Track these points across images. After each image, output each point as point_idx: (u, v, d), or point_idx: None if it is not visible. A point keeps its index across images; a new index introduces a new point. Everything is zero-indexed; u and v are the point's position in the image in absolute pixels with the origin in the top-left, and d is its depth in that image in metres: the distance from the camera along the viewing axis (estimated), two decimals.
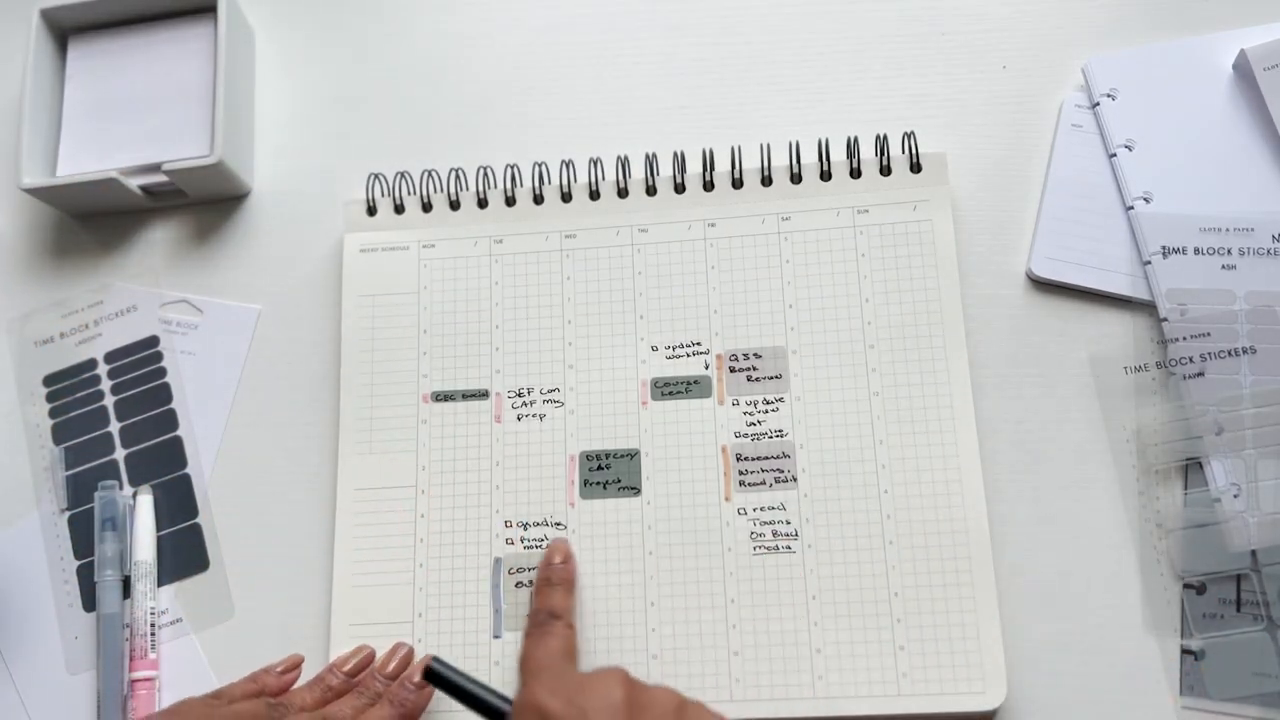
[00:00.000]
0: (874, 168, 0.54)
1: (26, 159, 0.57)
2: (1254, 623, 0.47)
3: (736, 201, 0.54)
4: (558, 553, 0.50)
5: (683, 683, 0.48)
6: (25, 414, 0.57)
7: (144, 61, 0.60)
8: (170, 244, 0.59)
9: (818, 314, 0.52)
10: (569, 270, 0.54)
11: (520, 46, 0.60)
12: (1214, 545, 0.47)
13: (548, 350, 0.53)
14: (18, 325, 0.59)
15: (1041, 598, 0.48)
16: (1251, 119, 0.52)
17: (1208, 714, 0.46)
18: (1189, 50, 0.54)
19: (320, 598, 0.52)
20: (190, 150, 0.57)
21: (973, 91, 0.56)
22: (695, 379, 0.52)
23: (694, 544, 0.50)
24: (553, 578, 0.49)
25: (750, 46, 0.58)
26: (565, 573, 0.49)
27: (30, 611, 0.54)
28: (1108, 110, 0.53)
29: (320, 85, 0.61)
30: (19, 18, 0.60)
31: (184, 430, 0.56)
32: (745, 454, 0.51)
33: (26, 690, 0.53)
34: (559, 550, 0.50)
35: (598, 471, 0.51)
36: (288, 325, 0.57)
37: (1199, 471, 0.48)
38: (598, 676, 0.40)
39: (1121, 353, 0.51)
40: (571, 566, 0.50)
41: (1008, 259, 0.53)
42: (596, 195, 0.55)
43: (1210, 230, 0.50)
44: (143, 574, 0.52)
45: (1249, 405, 0.48)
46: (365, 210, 0.56)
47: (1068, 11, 0.56)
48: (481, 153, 0.58)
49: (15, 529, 0.55)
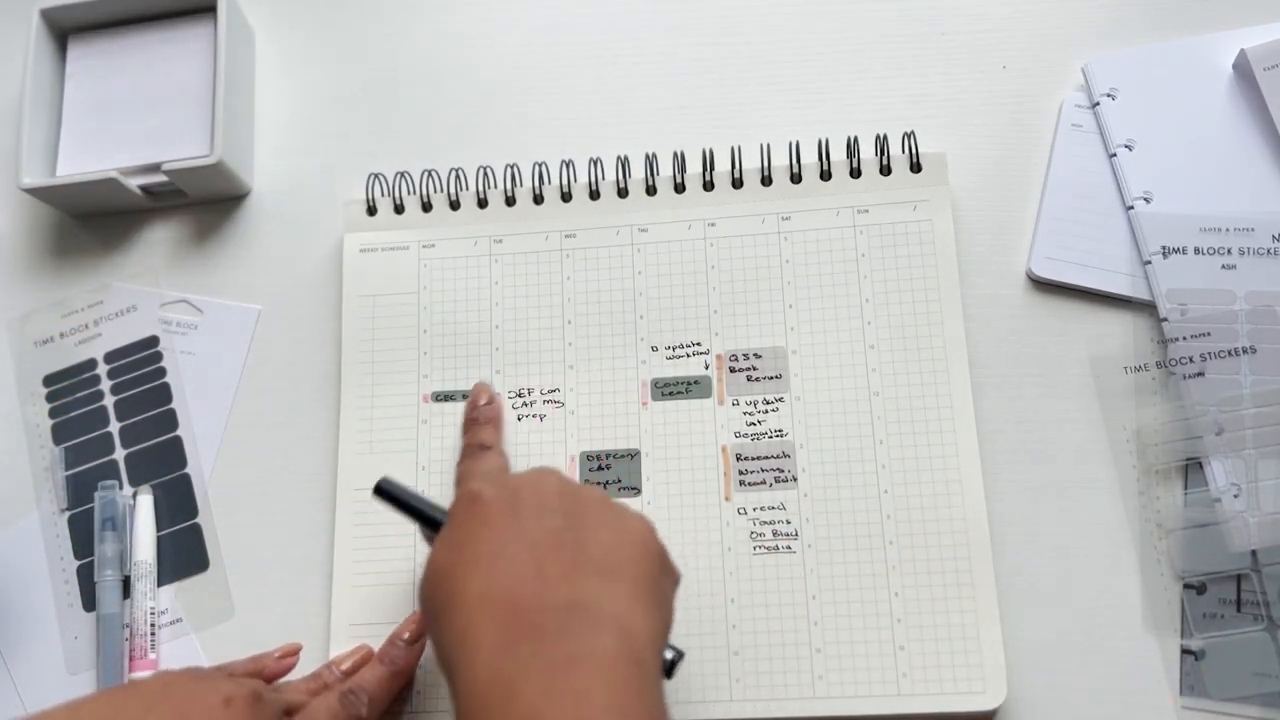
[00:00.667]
0: (874, 168, 0.54)
1: (26, 159, 0.57)
2: (1254, 623, 0.47)
3: (736, 201, 0.54)
4: (482, 394, 0.52)
5: (682, 682, 0.48)
6: (25, 414, 0.57)
7: (144, 61, 0.60)
8: (170, 244, 0.59)
9: (818, 314, 0.52)
10: (569, 270, 0.54)
11: (520, 46, 0.60)
12: (1214, 545, 0.47)
13: (548, 350, 0.53)
14: (18, 325, 0.59)
15: (1041, 598, 0.48)
16: (1251, 119, 0.52)
17: (1208, 714, 0.46)
18: (1189, 50, 0.54)
19: (320, 598, 0.52)
20: (190, 150, 0.57)
21: (973, 91, 0.56)
22: (695, 379, 0.52)
23: (694, 544, 0.50)
24: (479, 417, 0.51)
25: (750, 46, 0.58)
26: (492, 411, 0.51)
27: (30, 611, 0.54)
28: (1108, 110, 0.53)
29: (320, 85, 0.61)
30: (19, 18, 0.60)
31: (184, 430, 0.56)
32: (745, 454, 0.51)
33: (26, 690, 0.53)
34: (483, 392, 0.52)
35: (598, 472, 0.51)
36: (288, 325, 0.57)
37: (1199, 471, 0.48)
38: (533, 470, 0.42)
39: (1121, 353, 0.51)
40: (497, 405, 0.52)
41: (1008, 259, 0.53)
42: (596, 195, 0.55)
43: (1210, 230, 0.50)
44: (143, 574, 0.52)
45: (1249, 405, 0.48)
46: (365, 210, 0.56)
47: (1068, 11, 0.56)
48: (481, 153, 0.58)
49: (15, 529, 0.55)
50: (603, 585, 0.37)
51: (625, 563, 0.38)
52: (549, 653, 0.34)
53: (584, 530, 0.39)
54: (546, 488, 0.40)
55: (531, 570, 0.37)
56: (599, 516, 0.40)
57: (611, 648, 0.35)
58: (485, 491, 0.40)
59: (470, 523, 0.40)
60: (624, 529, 0.40)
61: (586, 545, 0.38)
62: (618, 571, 0.38)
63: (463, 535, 0.39)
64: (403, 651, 0.47)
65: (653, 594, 0.38)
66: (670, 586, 0.40)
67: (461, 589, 0.37)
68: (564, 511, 0.39)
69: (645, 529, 0.40)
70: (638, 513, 0.41)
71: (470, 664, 0.35)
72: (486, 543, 0.38)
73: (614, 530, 0.39)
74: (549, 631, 0.35)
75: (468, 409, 0.51)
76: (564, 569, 0.37)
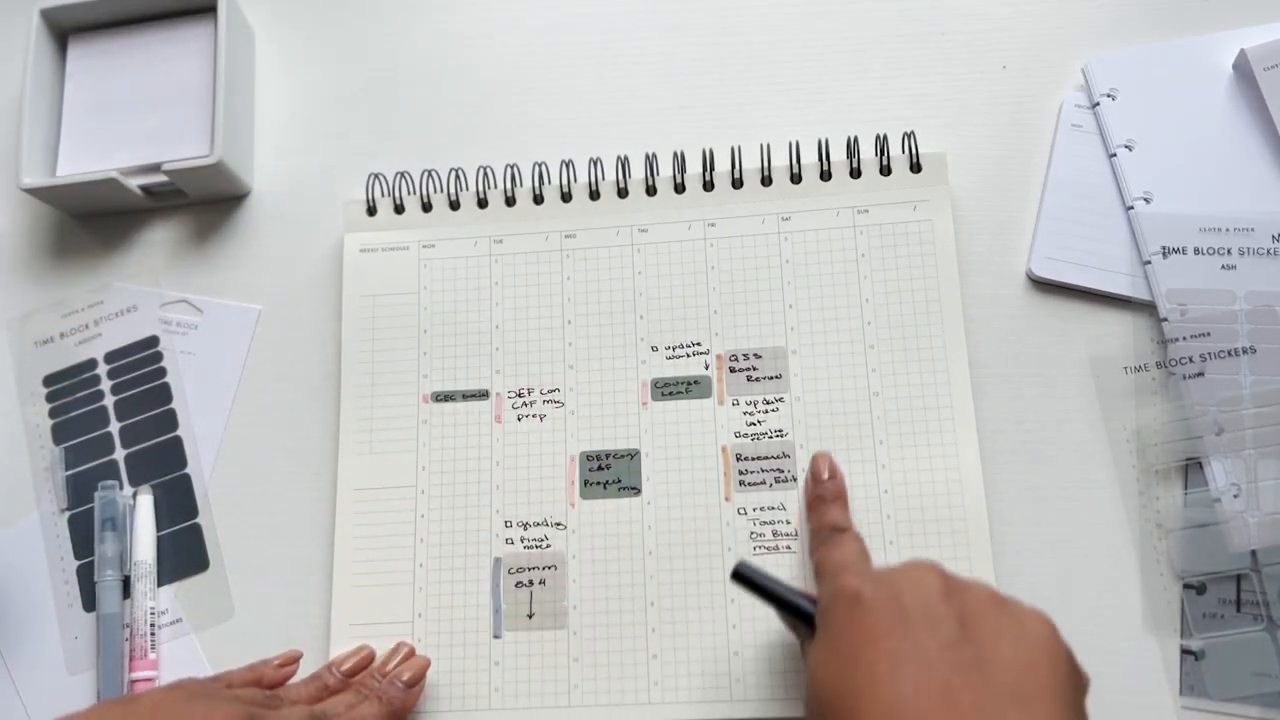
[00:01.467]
0: (874, 168, 0.54)
1: (26, 159, 0.57)
2: (1254, 623, 0.47)
3: (736, 201, 0.54)
4: (824, 468, 0.48)
5: (682, 682, 0.48)
6: (25, 414, 0.57)
7: (144, 61, 0.60)
8: (170, 244, 0.59)
9: (818, 314, 0.52)
10: (569, 270, 0.54)
11: (520, 46, 0.60)
12: (1214, 545, 0.47)
13: (548, 350, 0.53)
14: (18, 325, 0.59)
15: (1041, 598, 0.48)
16: (1251, 119, 0.52)
17: (1208, 714, 0.46)
18: (1189, 50, 0.54)
19: (320, 598, 0.52)
20: (190, 150, 0.57)
21: (973, 91, 0.56)
22: (695, 379, 0.52)
23: (694, 544, 0.50)
24: (825, 495, 0.47)
25: (750, 46, 0.58)
26: (838, 487, 0.48)
27: (30, 611, 0.54)
28: (1108, 110, 0.53)
29: (320, 85, 0.61)
30: (19, 18, 0.60)
31: (184, 430, 0.56)
32: (745, 454, 0.51)
33: (26, 690, 0.53)
34: (824, 464, 0.48)
35: (598, 472, 0.51)
36: (288, 325, 0.57)
37: (1199, 471, 0.48)
38: (910, 565, 0.38)
39: (1121, 353, 0.51)
40: (841, 479, 0.48)
41: (1008, 259, 0.53)
42: (596, 195, 0.55)
43: (1210, 230, 0.50)
44: (143, 574, 0.52)
45: (1249, 405, 0.48)
46: (365, 210, 0.56)
47: (1068, 11, 0.56)
48: (481, 153, 0.58)
49: (15, 529, 0.55)
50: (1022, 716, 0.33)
51: (1039, 684, 0.34)
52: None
53: (985, 646, 0.35)
54: (930, 589, 0.37)
55: (937, 699, 0.33)
56: (997, 624, 0.36)
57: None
58: (865, 592, 0.37)
59: (854, 631, 0.36)
60: (1027, 638, 0.35)
61: (992, 667, 0.34)
62: (1034, 698, 0.34)
63: (849, 647, 0.36)
64: (401, 693, 0.47)
65: (1071, 712, 0.34)
66: (1082, 695, 0.36)
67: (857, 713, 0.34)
68: (956, 619, 0.36)
69: (1049, 633, 0.36)
70: (1034, 609, 0.37)
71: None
72: (880, 659, 0.35)
73: (1017, 642, 0.35)
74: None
75: (809, 483, 0.48)
76: (975, 698, 0.33)
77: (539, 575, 0.50)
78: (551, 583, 0.50)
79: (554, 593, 0.50)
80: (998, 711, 0.33)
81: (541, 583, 0.50)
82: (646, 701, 0.48)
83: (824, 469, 0.48)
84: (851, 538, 0.44)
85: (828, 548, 0.44)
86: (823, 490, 0.48)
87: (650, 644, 0.49)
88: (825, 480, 0.48)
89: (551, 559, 0.51)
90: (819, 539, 0.46)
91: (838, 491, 0.48)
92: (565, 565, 0.50)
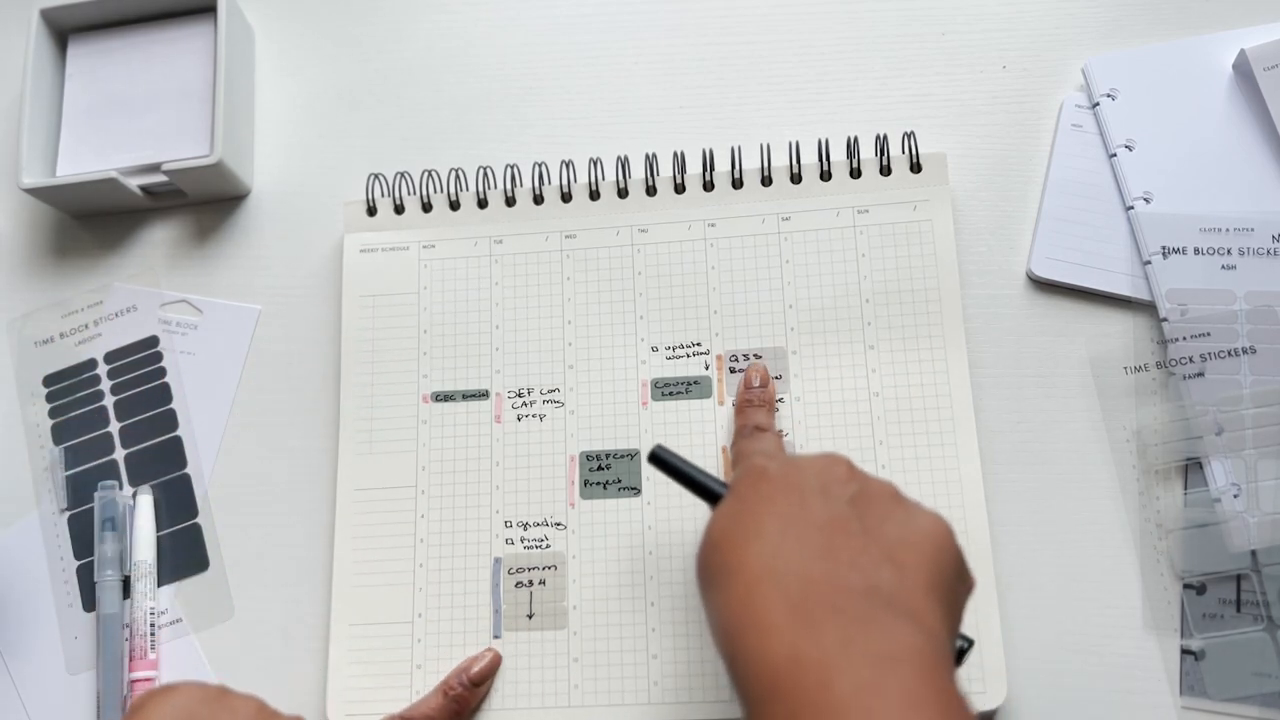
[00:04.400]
0: (874, 168, 0.54)
1: (26, 159, 0.57)
2: (1254, 623, 0.47)
3: (736, 201, 0.54)
4: (756, 376, 0.50)
5: (682, 682, 0.48)
6: (25, 414, 0.57)
7: (144, 61, 0.60)
8: (170, 244, 0.59)
9: (818, 314, 0.52)
10: (569, 270, 0.54)
11: (520, 46, 0.60)
12: (1214, 545, 0.47)
13: (548, 350, 0.53)
14: (18, 325, 0.59)
15: (1041, 598, 0.48)
16: (1251, 119, 0.52)
17: (1208, 714, 0.46)
18: (1189, 50, 0.54)
19: (320, 598, 0.52)
20: (190, 150, 0.57)
21: (973, 91, 0.56)
22: (695, 379, 0.52)
23: (694, 544, 0.50)
24: (753, 399, 0.49)
25: (750, 46, 0.58)
26: (767, 395, 0.50)
27: (30, 611, 0.54)
28: (1108, 110, 0.53)
29: (320, 85, 0.61)
30: (19, 18, 0.60)
31: (184, 430, 0.56)
32: None
33: (26, 690, 0.53)
34: (757, 374, 0.50)
35: (598, 472, 0.51)
36: (288, 325, 0.57)
37: (1199, 471, 0.48)
38: (820, 454, 0.39)
39: (1121, 353, 0.51)
40: (772, 389, 0.50)
41: (1008, 259, 0.53)
42: (596, 195, 0.55)
43: (1210, 230, 0.50)
44: (142, 574, 0.52)
45: (1249, 405, 0.48)
46: (365, 210, 0.56)
47: (1068, 11, 0.56)
48: (481, 153, 0.58)
49: (15, 529, 0.55)
50: (896, 576, 0.34)
51: (918, 559, 0.35)
52: (861, 643, 0.32)
53: (870, 520, 0.36)
54: (835, 473, 0.38)
55: (818, 549, 0.35)
56: (888, 510, 0.37)
57: (925, 646, 0.32)
58: (771, 467, 0.38)
59: (753, 496, 0.38)
60: (915, 527, 0.36)
61: (875, 535, 0.36)
62: (910, 566, 0.35)
63: (745, 507, 0.37)
64: (467, 690, 0.48)
65: (946, 596, 0.35)
66: (964, 593, 0.37)
67: (742, 558, 0.35)
68: (851, 499, 0.37)
69: (941, 529, 0.37)
70: (933, 511, 0.37)
71: (760, 636, 0.33)
72: (771, 516, 0.36)
73: (904, 525, 0.36)
74: (852, 617, 0.33)
75: (741, 390, 0.50)
76: (853, 553, 0.35)
77: (539, 575, 0.50)
78: (551, 583, 0.50)
79: (554, 593, 0.50)
80: (875, 567, 0.34)
81: (541, 583, 0.50)
82: (646, 701, 0.48)
83: (756, 378, 0.50)
84: (772, 435, 0.47)
85: (748, 440, 0.46)
86: (752, 395, 0.50)
87: (650, 644, 0.49)
88: (756, 387, 0.50)
89: (551, 559, 0.51)
90: (741, 434, 0.48)
91: (766, 399, 0.50)
92: (565, 565, 0.50)
